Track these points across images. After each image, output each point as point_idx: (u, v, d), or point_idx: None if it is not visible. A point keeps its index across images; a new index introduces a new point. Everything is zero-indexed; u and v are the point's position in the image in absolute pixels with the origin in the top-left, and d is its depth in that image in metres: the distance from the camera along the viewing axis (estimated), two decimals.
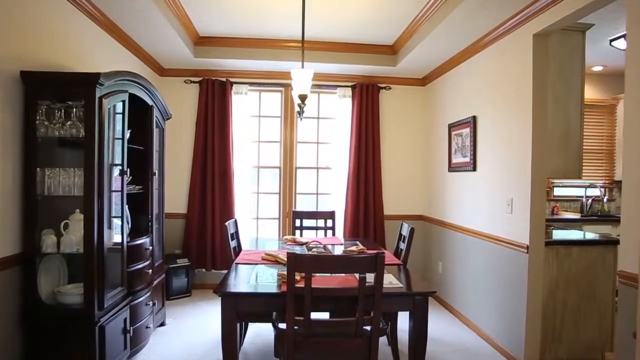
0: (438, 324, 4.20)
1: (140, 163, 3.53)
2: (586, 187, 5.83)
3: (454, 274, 4.52)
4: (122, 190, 2.95)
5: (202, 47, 4.71)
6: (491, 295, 3.74)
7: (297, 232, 4.51)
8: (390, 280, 2.56)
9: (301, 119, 3.43)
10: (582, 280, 3.37)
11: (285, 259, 3.05)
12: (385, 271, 2.83)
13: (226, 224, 3.35)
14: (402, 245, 3.46)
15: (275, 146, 5.40)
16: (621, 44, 4.68)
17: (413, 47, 4.27)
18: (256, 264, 3.05)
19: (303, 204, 5.46)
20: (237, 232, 3.69)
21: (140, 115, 3.50)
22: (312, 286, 2.10)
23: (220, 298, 2.32)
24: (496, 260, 3.66)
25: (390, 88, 5.39)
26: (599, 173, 5.97)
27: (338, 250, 3.64)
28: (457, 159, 4.41)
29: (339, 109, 5.27)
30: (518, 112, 3.38)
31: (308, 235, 4.66)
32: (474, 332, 3.99)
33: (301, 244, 3.84)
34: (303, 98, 2.97)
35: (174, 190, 5.15)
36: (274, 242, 4.15)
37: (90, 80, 2.47)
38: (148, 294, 3.39)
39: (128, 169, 3.01)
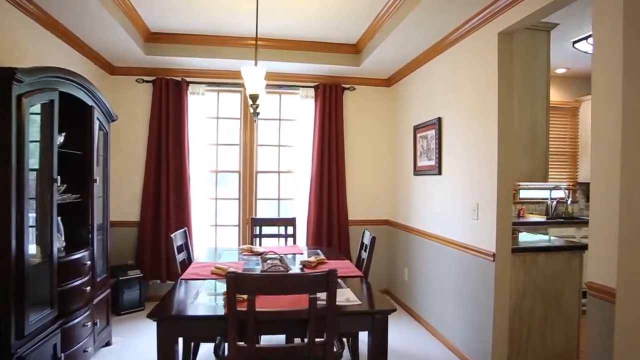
0: (403, 333, 4.03)
1: (79, 169, 3.21)
2: (551, 189, 5.81)
3: (420, 281, 4.36)
4: (51, 200, 2.64)
5: (153, 44, 4.40)
6: (458, 304, 3.59)
7: (257, 240, 4.27)
8: (348, 297, 2.35)
9: (256, 120, 3.20)
10: (549, 287, 3.26)
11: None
12: (344, 285, 2.63)
13: (172, 235, 3.05)
14: (364, 255, 3.26)
15: (234, 149, 5.13)
16: (584, 46, 4.64)
17: (376, 46, 4.09)
18: (205, 279, 2.79)
19: (264, 210, 5.21)
20: (187, 243, 3.41)
21: (79, 117, 3.19)
22: (258, 308, 1.86)
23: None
24: (463, 268, 3.51)
25: (354, 89, 5.21)
26: (562, 175, 5.96)
27: (297, 261, 3.41)
28: (423, 162, 4.26)
29: (301, 110, 5.05)
30: (484, 113, 3.24)
31: (268, 244, 4.43)
32: (441, 342, 3.83)
33: (258, 254, 3.60)
34: (255, 98, 2.73)
35: (126, 197, 4.82)
36: (232, 252, 3.87)
37: (4, 76, 2.16)
38: (87, 313, 3.07)
39: (59, 177, 2.70)
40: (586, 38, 4.48)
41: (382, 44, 3.95)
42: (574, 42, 4.61)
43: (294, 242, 4.28)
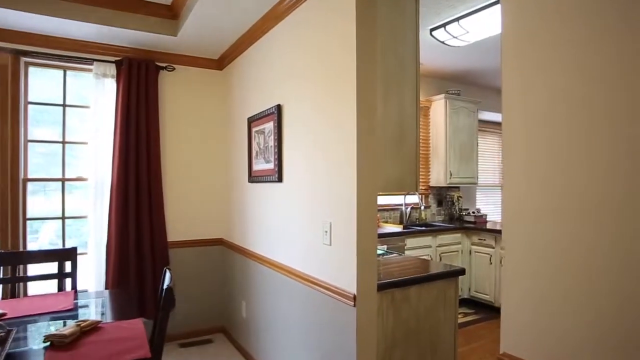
0: None
1: None
2: (405, 194, 5.33)
3: (262, 322, 3.31)
4: None
5: None
6: (310, 356, 2.62)
7: (14, 286, 2.75)
8: None
9: None
10: (423, 328, 2.49)
11: None
12: None
13: None
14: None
15: None
16: (442, 34, 4.14)
17: (193, 5, 2.94)
18: None
19: (42, 235, 3.63)
20: None
21: None
22: None
23: None
24: (315, 311, 2.55)
25: (173, 68, 3.94)
26: None
27: (67, 327, 2.07)
28: (259, 165, 3.22)
29: (96, 93, 3.60)
30: (338, 97, 2.31)
31: (35, 290, 2.94)
32: None
33: None
34: None
35: None
36: None
37: None
38: None
39: None
40: (444, 25, 3.96)
41: (198, 2, 2.81)
42: (432, 30, 4.08)
43: (73, 286, 2.86)
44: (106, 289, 3.49)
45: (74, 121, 3.71)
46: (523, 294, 1.34)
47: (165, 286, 1.95)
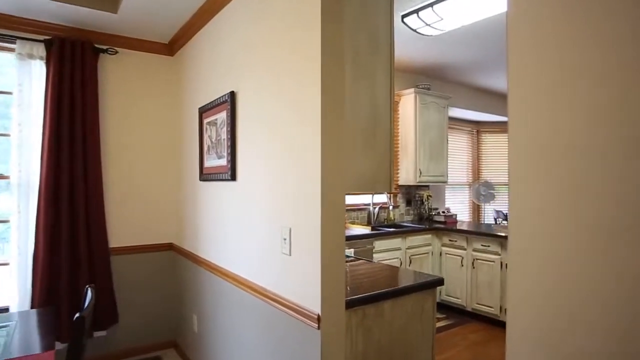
0: None
1: None
2: (373, 193, 5.04)
3: (216, 337, 2.93)
4: None
5: None
6: None
7: None
8: None
9: None
10: (397, 347, 2.18)
11: None
12: None
13: None
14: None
15: None
16: (414, 21, 3.85)
17: None
18: None
19: None
20: None
21: None
22: None
23: None
24: (273, 330, 2.20)
25: (115, 52, 3.47)
26: None
27: None
28: (211, 162, 2.82)
29: (20, 76, 3.09)
30: (301, 82, 1.96)
31: None
32: None
33: None
34: None
35: None
36: None
37: None
38: None
39: None
40: (417, 11, 3.67)
41: None
42: (403, 16, 3.78)
43: None
44: (32, 307, 3.00)
45: None
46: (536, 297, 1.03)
47: (78, 314, 1.53)
